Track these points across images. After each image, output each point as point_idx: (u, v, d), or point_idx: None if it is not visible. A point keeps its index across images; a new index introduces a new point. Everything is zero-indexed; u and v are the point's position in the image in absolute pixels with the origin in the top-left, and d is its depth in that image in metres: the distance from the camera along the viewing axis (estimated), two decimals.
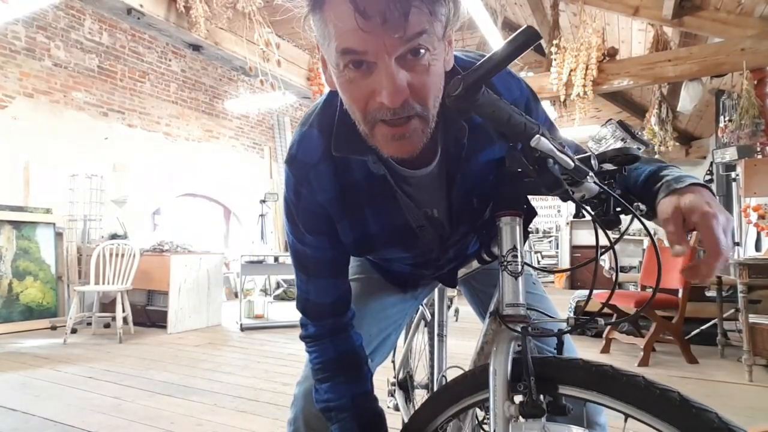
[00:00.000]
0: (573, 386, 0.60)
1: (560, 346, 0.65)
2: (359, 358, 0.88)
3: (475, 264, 0.95)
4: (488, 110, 0.53)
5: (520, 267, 0.66)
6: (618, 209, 0.58)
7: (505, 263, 0.67)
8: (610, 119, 0.58)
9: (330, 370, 0.86)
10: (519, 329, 0.64)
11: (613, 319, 3.83)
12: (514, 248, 0.67)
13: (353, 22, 0.56)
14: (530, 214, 0.74)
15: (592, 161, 0.56)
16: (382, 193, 0.77)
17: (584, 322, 0.61)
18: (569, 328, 0.62)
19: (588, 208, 0.60)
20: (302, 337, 0.90)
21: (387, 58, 0.57)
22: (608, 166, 0.59)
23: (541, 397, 0.60)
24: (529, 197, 0.72)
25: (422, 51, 0.59)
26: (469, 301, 1.16)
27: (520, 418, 0.60)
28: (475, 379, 0.70)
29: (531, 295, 0.95)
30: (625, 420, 0.57)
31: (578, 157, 0.56)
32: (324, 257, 0.83)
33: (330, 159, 0.75)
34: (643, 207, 0.61)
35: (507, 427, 0.60)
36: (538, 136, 0.52)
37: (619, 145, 0.56)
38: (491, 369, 0.63)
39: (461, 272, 1.01)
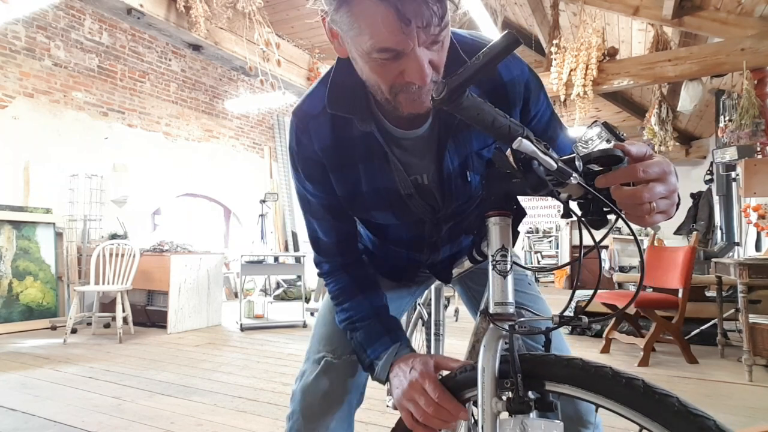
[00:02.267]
0: (553, 381, 0.62)
1: (548, 343, 0.66)
2: (374, 282, 0.94)
3: (467, 263, 0.96)
4: (473, 113, 0.55)
5: (508, 266, 0.67)
6: (605, 209, 0.59)
7: (494, 263, 0.68)
8: (596, 120, 0.58)
9: (348, 292, 0.91)
10: (506, 327, 0.65)
11: (604, 319, 3.83)
12: (503, 248, 0.68)
13: (396, 26, 0.60)
14: (519, 214, 0.75)
15: (577, 162, 0.58)
16: (375, 153, 0.81)
17: (569, 320, 0.62)
18: (555, 326, 0.64)
19: (575, 208, 0.61)
20: (319, 275, 0.97)
21: (417, 48, 0.62)
22: (594, 167, 0.60)
23: (529, 393, 0.61)
24: (528, 196, 0.73)
25: (443, 34, 0.64)
26: (464, 301, 1.17)
27: (509, 413, 0.61)
28: (465, 377, 0.72)
29: (525, 296, 0.96)
30: (596, 410, 0.60)
31: (563, 158, 0.57)
32: (324, 203, 0.89)
33: (330, 113, 0.80)
34: None
35: (495, 424, 0.62)
36: (520, 138, 0.54)
37: (604, 146, 0.57)
38: (480, 366, 0.64)
39: (455, 272, 1.02)
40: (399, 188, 0.84)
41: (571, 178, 0.55)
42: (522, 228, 0.89)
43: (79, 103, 5.73)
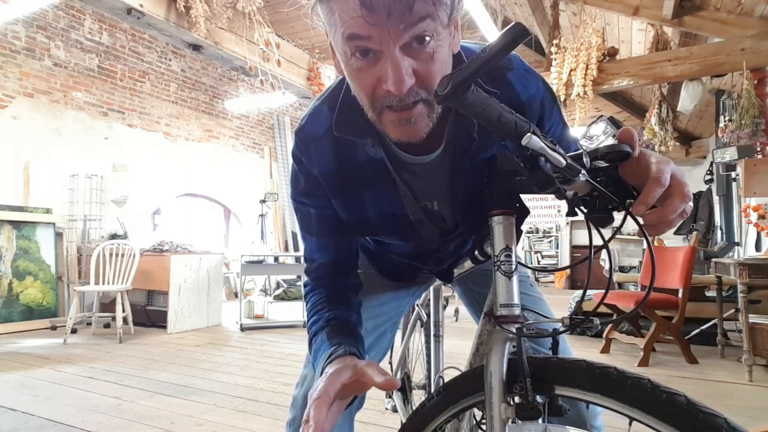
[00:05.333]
0: (574, 387, 0.59)
1: (555, 346, 0.64)
2: (347, 297, 0.87)
3: (468, 264, 0.95)
4: (478, 109, 0.53)
5: (513, 266, 0.65)
6: (610, 206, 0.58)
7: (498, 263, 0.66)
8: (601, 116, 0.57)
9: (317, 306, 0.85)
10: (514, 330, 0.63)
11: (613, 321, 3.83)
12: (507, 248, 0.66)
13: (359, 13, 0.57)
14: (523, 212, 0.73)
15: (584, 159, 0.56)
16: (382, 179, 0.78)
17: (579, 322, 0.60)
18: (564, 329, 0.61)
19: (581, 206, 0.60)
20: (305, 295, 0.91)
21: (392, 47, 0.59)
22: (600, 164, 0.58)
23: (538, 398, 0.59)
24: (528, 196, 0.71)
25: (427, 38, 0.60)
26: (464, 302, 1.16)
27: (518, 419, 0.60)
28: (471, 381, 0.70)
29: (527, 297, 0.94)
30: (630, 423, 0.56)
31: (570, 154, 0.55)
32: (325, 215, 0.85)
33: (333, 136, 0.76)
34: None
35: (504, 429, 0.60)
36: (529, 134, 0.52)
37: (610, 141, 0.55)
38: (487, 371, 0.62)
39: (456, 272, 1.00)
40: (408, 213, 0.81)
41: (580, 175, 0.54)
42: (523, 227, 0.86)
43: (79, 103, 5.72)
